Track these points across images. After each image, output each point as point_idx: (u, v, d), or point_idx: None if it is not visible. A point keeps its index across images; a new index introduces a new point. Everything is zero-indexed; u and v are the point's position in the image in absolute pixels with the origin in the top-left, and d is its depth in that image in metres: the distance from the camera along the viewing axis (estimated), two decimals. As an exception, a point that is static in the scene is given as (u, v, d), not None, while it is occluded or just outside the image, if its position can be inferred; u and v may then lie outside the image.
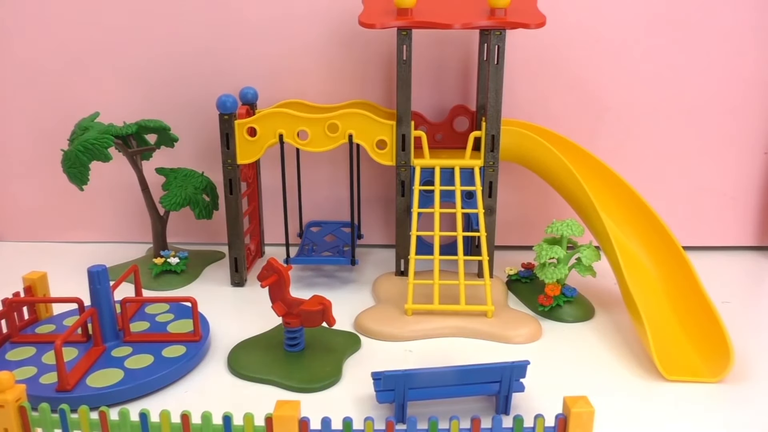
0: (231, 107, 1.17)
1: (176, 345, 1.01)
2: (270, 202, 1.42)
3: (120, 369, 0.94)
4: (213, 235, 1.49)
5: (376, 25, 1.11)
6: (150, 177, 1.33)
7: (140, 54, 1.38)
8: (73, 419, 0.76)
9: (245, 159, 1.22)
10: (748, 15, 1.33)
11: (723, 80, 1.37)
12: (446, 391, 0.86)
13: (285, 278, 0.99)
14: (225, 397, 0.93)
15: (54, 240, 1.53)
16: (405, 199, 1.24)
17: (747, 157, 1.43)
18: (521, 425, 0.75)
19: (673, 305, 1.11)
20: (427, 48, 1.34)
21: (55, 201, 1.50)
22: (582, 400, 0.74)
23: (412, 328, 1.09)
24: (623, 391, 0.94)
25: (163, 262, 1.30)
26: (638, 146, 1.41)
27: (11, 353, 0.99)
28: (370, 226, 1.48)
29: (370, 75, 1.38)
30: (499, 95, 1.16)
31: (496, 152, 1.20)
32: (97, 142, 1.19)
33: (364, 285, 1.29)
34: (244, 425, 0.75)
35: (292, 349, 1.01)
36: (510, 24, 1.11)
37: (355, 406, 0.90)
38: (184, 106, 1.40)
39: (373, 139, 1.20)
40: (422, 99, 1.37)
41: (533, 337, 1.09)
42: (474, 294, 1.16)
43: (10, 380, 0.76)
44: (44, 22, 1.37)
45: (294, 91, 1.36)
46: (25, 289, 1.08)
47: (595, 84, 1.37)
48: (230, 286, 1.29)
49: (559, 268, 1.15)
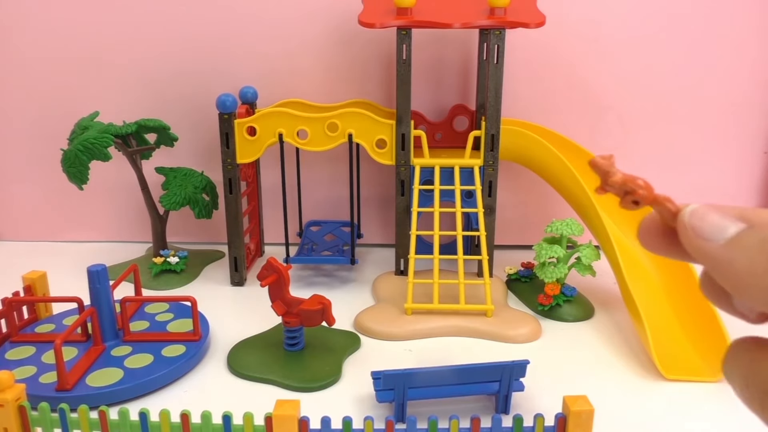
0: (231, 106, 1.17)
1: (176, 344, 1.01)
2: (270, 201, 1.42)
3: (120, 368, 0.94)
4: (213, 235, 1.49)
5: (376, 24, 1.11)
6: (150, 176, 1.33)
7: (140, 53, 1.38)
8: (72, 419, 0.77)
9: (245, 158, 1.21)
10: (749, 14, 1.33)
11: (723, 80, 1.37)
12: (446, 390, 0.86)
13: (285, 277, 0.99)
14: (225, 397, 0.93)
15: (53, 239, 1.53)
16: (405, 198, 1.24)
17: (747, 157, 1.43)
18: (521, 424, 0.75)
19: (673, 305, 1.11)
20: (427, 47, 1.34)
21: (54, 200, 1.50)
22: (582, 399, 0.74)
23: (412, 328, 1.09)
24: (623, 391, 0.94)
25: (163, 262, 1.30)
26: (638, 145, 1.41)
27: (11, 353, 0.99)
28: (370, 226, 1.48)
29: (369, 74, 1.37)
30: (498, 95, 1.16)
31: (496, 151, 1.20)
32: (97, 141, 1.19)
33: (363, 284, 1.29)
34: (243, 425, 0.75)
35: (292, 349, 1.01)
36: (510, 23, 1.11)
37: (354, 406, 0.90)
38: (183, 105, 1.40)
39: (373, 139, 1.20)
40: (422, 98, 1.37)
41: (533, 337, 1.09)
42: (474, 293, 1.16)
43: (10, 380, 0.76)
44: (44, 22, 1.37)
45: (294, 91, 1.36)
46: (25, 288, 1.08)
47: (595, 83, 1.37)
48: (230, 285, 1.29)
49: (559, 268, 1.15)
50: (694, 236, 0.26)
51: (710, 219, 0.26)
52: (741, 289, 0.25)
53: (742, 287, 0.25)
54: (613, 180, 0.28)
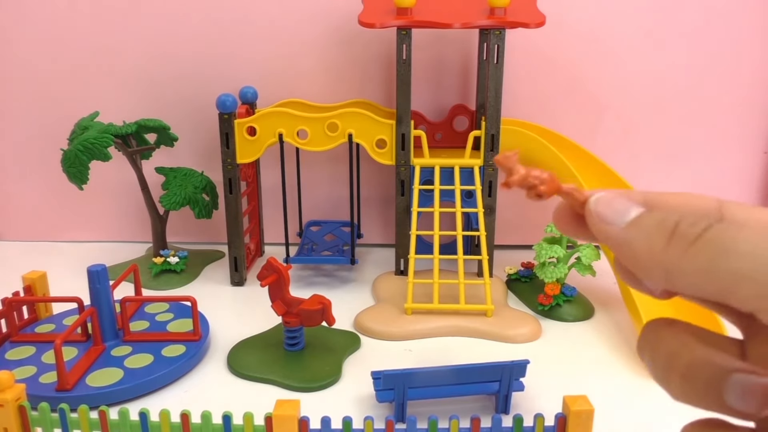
0: (231, 106, 1.17)
1: (176, 344, 1.01)
2: (270, 201, 1.42)
3: (120, 368, 0.94)
4: (213, 235, 1.49)
5: (376, 24, 1.11)
6: (150, 176, 1.33)
7: (140, 53, 1.38)
8: (72, 419, 0.76)
9: (245, 158, 1.21)
10: (749, 14, 1.33)
11: (723, 79, 1.37)
12: (446, 390, 0.86)
13: (285, 277, 0.99)
14: (224, 397, 0.93)
15: (53, 239, 1.53)
16: (405, 198, 1.24)
17: (747, 157, 1.43)
18: (521, 424, 0.75)
19: (673, 304, 1.11)
20: (427, 47, 1.34)
21: (54, 200, 1.50)
22: (582, 399, 0.74)
23: (412, 328, 1.09)
24: (623, 391, 0.94)
25: (163, 262, 1.30)
26: (638, 145, 1.41)
27: (11, 353, 0.99)
28: (370, 226, 1.48)
29: (370, 75, 1.37)
30: (498, 94, 1.16)
31: (496, 151, 1.20)
32: (97, 141, 1.19)
33: (363, 284, 1.29)
34: (243, 425, 0.75)
35: (292, 349, 1.01)
36: (509, 23, 1.11)
37: (354, 406, 0.90)
38: (183, 105, 1.40)
39: (373, 139, 1.20)
40: (422, 98, 1.37)
41: (533, 337, 1.09)
42: (474, 293, 1.16)
43: (10, 380, 0.76)
44: (44, 22, 1.37)
45: (294, 91, 1.36)
46: (25, 288, 1.08)
47: (594, 83, 1.37)
48: (230, 285, 1.29)
49: (559, 268, 1.15)
50: (599, 221, 0.28)
51: (614, 204, 0.27)
52: (642, 268, 0.26)
53: (642, 267, 0.26)
54: (512, 179, 0.30)
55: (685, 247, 0.24)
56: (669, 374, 0.26)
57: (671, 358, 0.26)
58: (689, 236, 0.24)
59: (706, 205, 0.27)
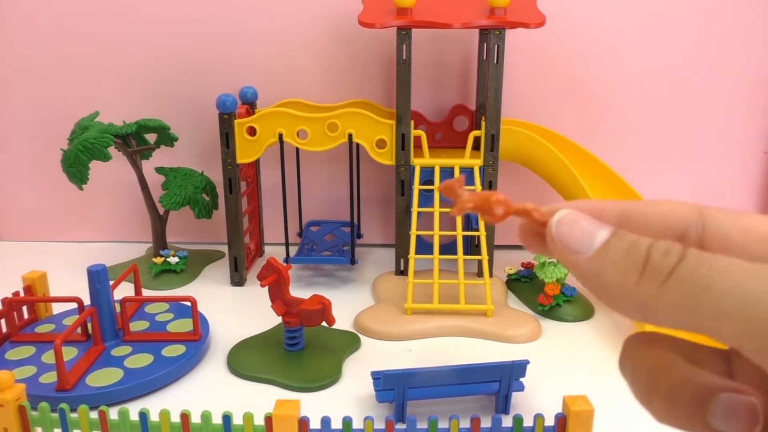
0: (231, 106, 1.17)
1: (176, 344, 1.01)
2: (270, 201, 1.42)
3: (120, 368, 0.94)
4: (213, 235, 1.49)
5: (376, 24, 1.11)
6: (150, 176, 1.33)
7: (140, 53, 1.38)
8: (72, 418, 0.76)
9: (245, 158, 1.21)
10: (748, 14, 1.33)
11: (723, 80, 1.37)
12: (446, 390, 0.86)
13: (285, 277, 0.99)
14: (225, 397, 0.93)
15: (53, 239, 1.53)
16: (405, 198, 1.24)
17: (747, 157, 1.43)
18: (521, 424, 0.75)
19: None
20: (427, 47, 1.34)
21: (54, 200, 1.50)
22: (582, 399, 0.74)
23: (412, 328, 1.09)
24: (623, 391, 0.93)
25: (163, 262, 1.30)
26: (638, 145, 1.41)
27: (11, 352, 0.99)
28: (370, 226, 1.48)
29: (370, 75, 1.37)
30: (498, 95, 1.16)
31: (496, 152, 1.20)
32: (97, 141, 1.19)
33: (363, 284, 1.29)
34: (243, 425, 0.75)
35: (292, 349, 1.01)
36: (509, 23, 1.11)
37: (354, 406, 0.90)
38: (183, 105, 1.40)
39: (373, 139, 1.20)
40: (422, 98, 1.37)
41: (533, 337, 1.09)
42: (474, 293, 1.16)
43: (10, 379, 0.76)
44: (44, 21, 1.37)
45: (294, 91, 1.36)
46: (25, 288, 1.08)
47: (594, 83, 1.37)
48: (230, 285, 1.29)
49: (559, 268, 1.15)
50: (562, 248, 0.25)
51: (578, 228, 0.24)
52: (614, 304, 0.24)
53: (614, 302, 0.24)
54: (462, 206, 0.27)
55: (659, 283, 0.22)
56: (651, 396, 0.24)
57: (653, 378, 0.24)
58: (663, 269, 0.22)
59: (687, 214, 0.25)
